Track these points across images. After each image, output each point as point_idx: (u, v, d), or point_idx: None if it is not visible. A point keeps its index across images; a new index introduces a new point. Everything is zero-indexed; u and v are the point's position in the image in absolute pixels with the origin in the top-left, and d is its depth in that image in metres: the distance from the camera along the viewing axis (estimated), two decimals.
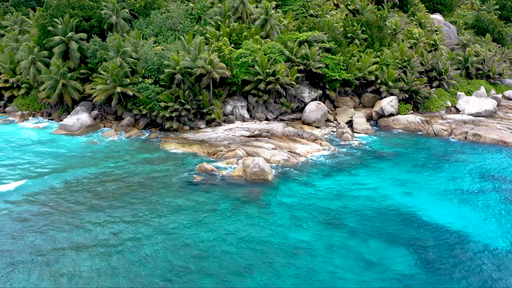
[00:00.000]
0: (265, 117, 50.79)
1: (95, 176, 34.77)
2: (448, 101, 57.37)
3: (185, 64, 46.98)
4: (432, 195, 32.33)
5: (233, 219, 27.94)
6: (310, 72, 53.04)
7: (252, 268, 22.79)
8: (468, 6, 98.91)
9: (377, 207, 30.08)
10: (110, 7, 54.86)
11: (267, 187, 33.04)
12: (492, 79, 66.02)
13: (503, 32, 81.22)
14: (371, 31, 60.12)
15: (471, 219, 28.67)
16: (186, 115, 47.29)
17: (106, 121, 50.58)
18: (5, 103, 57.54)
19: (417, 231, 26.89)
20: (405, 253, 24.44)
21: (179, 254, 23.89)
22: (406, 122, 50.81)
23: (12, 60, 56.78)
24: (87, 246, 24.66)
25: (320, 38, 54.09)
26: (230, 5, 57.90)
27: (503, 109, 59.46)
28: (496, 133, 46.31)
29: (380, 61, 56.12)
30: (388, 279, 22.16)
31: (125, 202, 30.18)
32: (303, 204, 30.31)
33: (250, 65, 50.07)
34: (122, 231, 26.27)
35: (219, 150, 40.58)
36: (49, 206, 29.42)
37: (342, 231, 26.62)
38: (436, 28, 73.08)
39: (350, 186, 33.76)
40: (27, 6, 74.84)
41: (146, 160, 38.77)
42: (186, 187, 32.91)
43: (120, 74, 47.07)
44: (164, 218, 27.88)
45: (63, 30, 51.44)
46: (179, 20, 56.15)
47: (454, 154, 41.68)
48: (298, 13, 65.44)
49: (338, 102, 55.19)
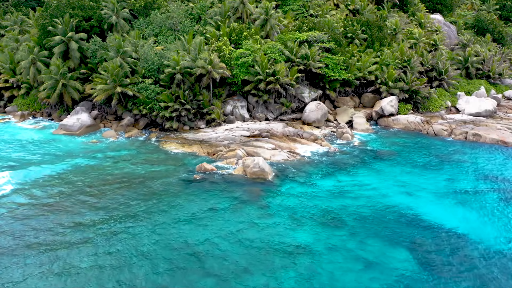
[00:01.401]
0: (265, 117, 50.79)
1: (95, 176, 34.78)
2: (448, 101, 57.37)
3: (185, 64, 46.98)
4: (432, 195, 32.33)
5: (233, 219, 27.95)
6: (310, 72, 53.05)
7: (252, 268, 22.79)
8: (468, 6, 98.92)
9: (377, 207, 30.09)
10: (110, 7, 54.86)
11: (267, 187, 33.04)
12: (492, 79, 66.02)
13: (503, 32, 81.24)
14: (371, 31, 60.13)
15: (471, 219, 28.68)
16: (186, 115, 47.30)
17: (106, 121, 50.56)
18: (5, 103, 57.50)
19: (417, 231, 26.89)
20: (405, 253, 24.44)
21: (178, 254, 23.91)
22: (406, 122, 50.81)
23: (12, 60, 56.77)
24: (86, 245, 24.66)
25: (320, 38, 54.11)
26: (230, 5, 57.90)
27: (503, 109, 59.45)
28: (496, 133, 46.31)
29: (380, 61, 56.13)
30: (388, 279, 22.17)
31: (125, 202, 30.19)
32: (303, 204, 30.31)
33: (250, 65, 50.08)
34: (122, 230, 26.28)
35: (219, 150, 40.59)
36: (49, 206, 29.43)
37: (342, 231, 26.63)
38: (436, 28, 73.10)
39: (350, 186, 33.76)
40: (27, 6, 74.82)
41: (146, 160, 38.77)
42: (186, 187, 32.92)
43: (120, 74, 47.08)
44: (164, 218, 27.89)
45: (63, 30, 51.43)
46: (179, 20, 56.15)
47: (454, 154, 41.68)
48: (298, 13, 65.45)
49: (338, 102, 55.20)
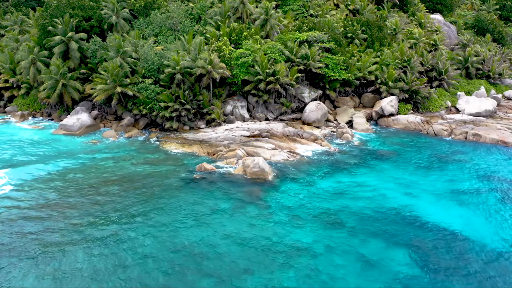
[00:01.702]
0: (265, 117, 50.79)
1: (95, 176, 34.78)
2: (448, 101, 57.37)
3: (185, 64, 46.98)
4: (432, 195, 32.32)
5: (233, 219, 27.94)
6: (310, 72, 53.05)
7: (252, 268, 22.78)
8: (468, 6, 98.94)
9: (377, 207, 30.08)
10: (110, 7, 54.88)
11: (267, 187, 33.03)
12: (492, 79, 66.04)
13: (503, 32, 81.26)
14: (371, 31, 60.13)
15: (471, 220, 28.66)
16: (186, 115, 47.30)
17: (106, 121, 50.57)
18: (5, 103, 57.55)
19: (417, 231, 26.88)
20: (404, 253, 24.44)
21: (178, 254, 23.90)
22: (406, 122, 50.81)
23: (12, 60, 56.79)
24: (86, 245, 24.66)
25: (320, 38, 54.11)
26: (230, 5, 57.90)
27: (503, 109, 59.46)
28: (496, 133, 46.30)
29: (380, 61, 56.14)
30: (388, 279, 22.16)
31: (124, 202, 30.18)
32: (303, 204, 30.30)
33: (250, 65, 50.08)
34: (122, 230, 26.27)
35: (219, 150, 40.58)
36: (48, 206, 29.41)
37: (342, 231, 26.62)
38: (436, 28, 73.12)
39: (350, 186, 33.75)
40: (27, 6, 74.85)
41: (146, 160, 38.77)
42: (186, 187, 32.91)
43: (120, 74, 47.08)
44: (163, 218, 27.88)
45: (63, 30, 51.45)
46: (179, 20, 56.16)
47: (454, 154, 41.67)
48: (298, 13, 65.46)
49: (338, 102, 55.21)
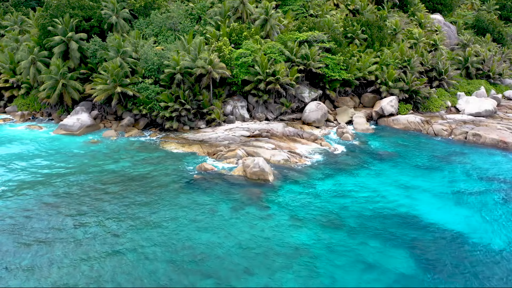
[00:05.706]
0: (265, 117, 50.79)
1: (94, 176, 34.78)
2: (448, 101, 57.36)
3: (185, 64, 46.97)
4: (432, 196, 32.32)
5: (233, 219, 27.95)
6: (310, 72, 53.04)
7: (252, 268, 22.79)
8: (468, 6, 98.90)
9: (377, 207, 30.09)
10: (110, 7, 54.85)
11: (267, 187, 33.03)
12: (492, 79, 66.01)
13: (503, 32, 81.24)
14: (371, 31, 60.11)
15: (471, 220, 28.67)
16: (186, 115, 47.29)
17: (106, 121, 50.55)
18: (5, 103, 57.45)
19: (417, 232, 26.88)
20: (405, 254, 24.44)
21: (178, 255, 23.90)
22: (406, 122, 50.80)
23: (12, 60, 56.73)
24: (86, 246, 24.66)
25: (320, 38, 54.10)
26: (230, 5, 57.87)
27: (503, 109, 59.44)
28: (496, 133, 46.29)
29: (380, 61, 56.13)
30: (388, 279, 22.17)
31: (124, 202, 30.18)
32: (303, 204, 30.31)
33: (250, 65, 50.07)
34: (122, 231, 26.27)
35: (219, 150, 40.58)
36: (47, 206, 29.40)
37: (342, 232, 26.62)
38: (436, 28, 73.09)
39: (350, 186, 33.75)
40: (27, 6, 74.76)
41: (146, 160, 38.76)
42: (186, 187, 32.91)
43: (120, 74, 47.06)
44: (163, 218, 27.89)
45: (63, 30, 51.41)
46: (179, 20, 56.14)
47: (454, 154, 41.67)
48: (298, 13, 65.44)
49: (338, 102, 55.19)
